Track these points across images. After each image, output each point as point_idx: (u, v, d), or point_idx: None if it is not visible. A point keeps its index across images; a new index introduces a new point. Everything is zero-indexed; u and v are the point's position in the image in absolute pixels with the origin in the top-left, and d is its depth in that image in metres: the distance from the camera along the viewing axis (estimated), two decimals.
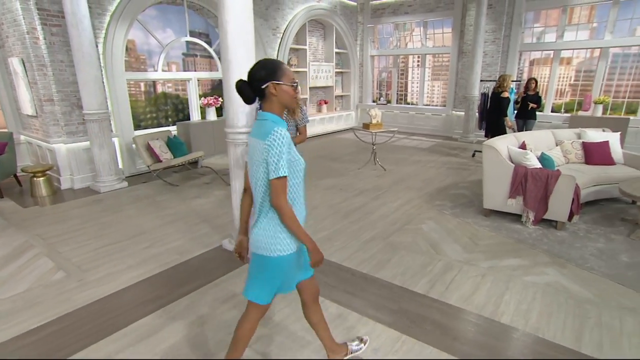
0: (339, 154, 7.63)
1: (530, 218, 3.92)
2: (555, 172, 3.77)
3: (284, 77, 1.54)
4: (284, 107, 1.60)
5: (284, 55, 8.49)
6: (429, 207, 4.60)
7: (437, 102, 11.05)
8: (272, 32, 8.26)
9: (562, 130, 5.25)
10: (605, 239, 3.67)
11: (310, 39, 9.74)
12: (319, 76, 9.81)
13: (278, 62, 1.57)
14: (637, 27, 7.62)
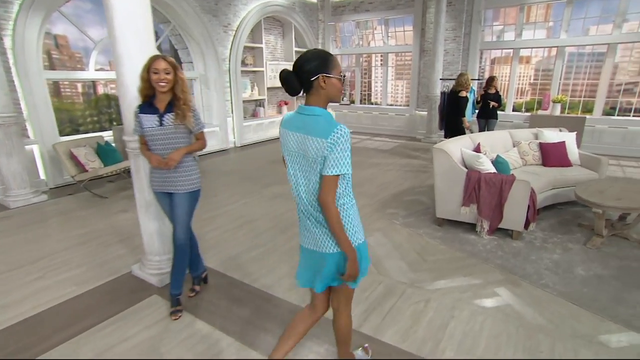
0: None
1: (485, 228, 3.56)
2: (509, 177, 3.43)
3: (334, 69, 1.47)
4: (328, 100, 1.52)
5: (236, 55, 7.92)
6: (379, 216, 4.19)
7: (402, 101, 10.76)
8: (223, 29, 7.68)
9: (519, 130, 4.97)
10: (562, 249, 3.35)
11: (267, 37, 9.21)
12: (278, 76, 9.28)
13: (328, 53, 1.50)
14: (590, 26, 7.55)
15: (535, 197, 3.60)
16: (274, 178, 5.78)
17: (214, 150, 7.78)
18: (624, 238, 3.55)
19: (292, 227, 3.91)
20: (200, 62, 7.52)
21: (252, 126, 8.76)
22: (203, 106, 7.84)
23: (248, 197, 4.90)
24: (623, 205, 3.16)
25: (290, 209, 4.42)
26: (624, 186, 3.66)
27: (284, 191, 5.12)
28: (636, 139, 7.15)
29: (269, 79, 9.04)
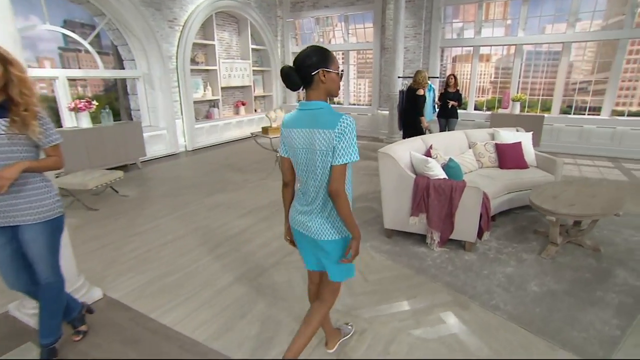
0: (246, 162, 6.67)
1: (435, 240, 3.25)
2: (459, 184, 3.13)
3: (333, 64, 1.53)
4: (328, 94, 1.58)
5: (184, 52, 7.35)
6: None
7: (365, 101, 10.48)
8: (168, 24, 7.10)
9: (475, 130, 4.73)
10: (516, 260, 3.09)
11: (221, 33, 8.67)
12: (233, 75, 8.78)
13: (327, 49, 1.54)
14: (546, 25, 7.50)
15: (489, 204, 3.33)
16: (220, 185, 5.30)
17: (161, 155, 7.18)
18: (579, 245, 3.33)
19: (224, 243, 3.46)
20: (143, 60, 6.90)
21: (206, 128, 8.20)
22: (148, 108, 7.23)
23: (186, 208, 4.41)
24: (576, 213, 2.92)
25: (229, 221, 3.98)
26: (578, 189, 3.45)
27: (227, 200, 4.66)
28: (591, 137, 7.15)
29: (223, 78, 8.50)
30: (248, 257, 3.20)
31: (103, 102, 7.61)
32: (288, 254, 3.24)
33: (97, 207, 4.40)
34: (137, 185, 5.37)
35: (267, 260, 3.14)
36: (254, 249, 3.34)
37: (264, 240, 3.52)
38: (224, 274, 2.92)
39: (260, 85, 10.17)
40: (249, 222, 3.96)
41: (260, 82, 10.16)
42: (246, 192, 5.00)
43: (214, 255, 3.24)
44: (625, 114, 7.08)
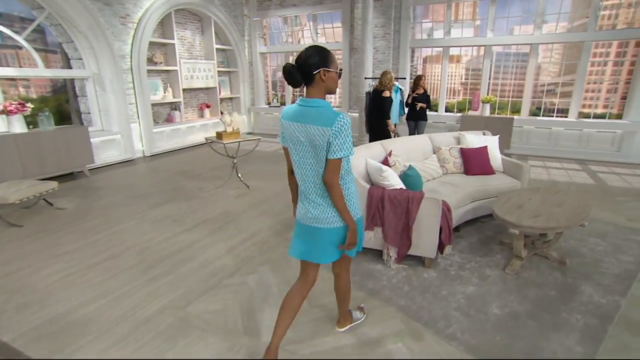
0: (205, 169, 6.27)
1: (392, 256, 2.96)
2: (416, 194, 2.85)
3: (333, 64, 1.63)
4: (327, 92, 1.68)
5: (138, 51, 6.87)
6: (277, 242, 3.48)
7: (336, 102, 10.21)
8: (120, 20, 6.61)
9: (440, 134, 4.50)
10: (479, 277, 2.84)
11: (182, 32, 8.23)
12: (196, 76, 8.33)
13: (327, 49, 1.63)
14: (514, 26, 7.43)
15: (451, 216, 3.07)
16: (172, 194, 4.88)
17: (114, 162, 6.68)
18: (545, 257, 3.13)
19: (160, 263, 3.07)
20: (92, 59, 6.39)
21: (166, 132, 7.73)
22: (100, 110, 6.70)
23: (129, 221, 3.98)
24: (540, 225, 2.69)
25: (172, 236, 3.59)
26: (544, 197, 3.25)
27: (176, 211, 4.26)
28: (560, 139, 7.10)
29: (185, 79, 8.05)
30: (183, 280, 2.82)
31: (51, 104, 7.05)
32: (230, 274, 2.89)
33: (22, 223, 3.91)
34: (80, 195, 4.89)
35: (204, 283, 2.77)
36: (192, 270, 2.97)
37: (205, 259, 3.15)
38: (149, 302, 2.54)
39: (227, 86, 9.74)
40: (194, 237, 3.58)
41: (227, 83, 9.74)
42: (199, 202, 4.61)
43: (145, 279, 2.85)
44: (591, 116, 7.06)
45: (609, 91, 6.94)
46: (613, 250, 3.28)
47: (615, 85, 6.85)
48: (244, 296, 2.62)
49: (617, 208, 4.36)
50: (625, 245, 3.38)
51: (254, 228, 3.80)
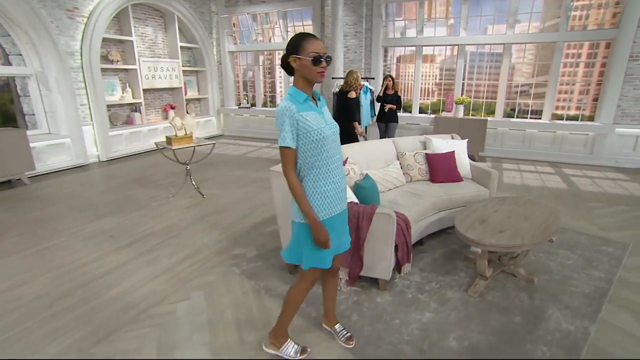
0: (161, 175, 5.83)
1: (343, 278, 2.63)
2: (367, 209, 2.53)
3: (303, 50, 1.55)
4: (305, 79, 1.61)
5: (90, 48, 6.36)
6: (219, 261, 3.11)
7: None
8: (67, 14, 6.09)
9: (405, 138, 4.21)
10: (439, 302, 2.54)
11: (142, 28, 7.74)
12: (158, 75, 7.85)
13: (302, 35, 1.58)
14: (487, 25, 7.25)
15: (410, 231, 2.77)
16: (116, 205, 4.44)
17: (63, 168, 6.16)
18: (512, 274, 2.86)
19: (76, 290, 2.65)
20: (34, 56, 5.85)
21: (125, 135, 7.23)
22: (45, 112, 6.17)
23: (56, 238, 3.54)
24: (504, 244, 2.41)
25: (100, 256, 3.16)
26: (511, 208, 2.98)
27: (115, 225, 3.83)
28: (534, 141, 6.95)
29: (146, 78, 7.56)
30: (98, 312, 2.42)
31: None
32: (155, 303, 2.51)
33: None
34: (10, 207, 4.39)
35: (122, 316, 2.38)
36: (112, 299, 2.57)
37: (132, 284, 2.76)
38: (49, 343, 2.14)
39: (194, 86, 9.28)
40: (125, 257, 3.17)
41: (194, 83, 9.27)
42: (144, 213, 4.19)
43: (52, 312, 2.43)
44: (564, 118, 6.94)
45: (581, 92, 6.83)
46: (583, 265, 3.04)
47: (587, 86, 6.73)
48: (166, 331, 2.24)
49: (589, 215, 4.16)
50: (596, 258, 3.15)
51: (198, 244, 3.42)
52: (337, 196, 1.72)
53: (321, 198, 1.66)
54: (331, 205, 1.70)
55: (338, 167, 1.72)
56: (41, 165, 5.83)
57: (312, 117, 1.61)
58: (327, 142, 1.64)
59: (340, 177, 1.74)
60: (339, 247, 1.82)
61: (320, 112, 1.69)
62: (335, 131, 1.72)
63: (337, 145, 1.72)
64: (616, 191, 5.05)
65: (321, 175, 1.65)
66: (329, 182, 1.67)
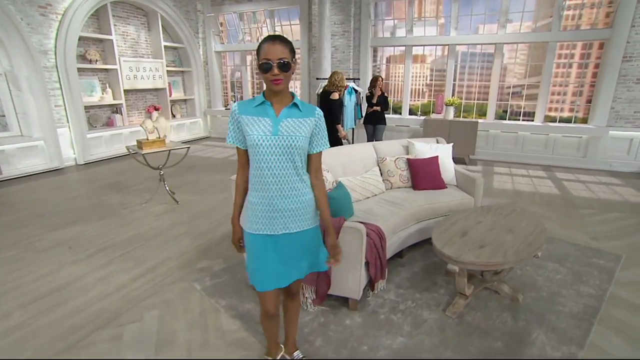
0: (138, 179, 5.58)
1: (309, 297, 2.41)
2: (335, 222, 2.31)
3: (258, 56, 1.45)
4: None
5: (64, 46, 6.11)
6: (181, 275, 2.87)
7: None
8: (39, 10, 5.83)
9: (387, 142, 3.99)
10: (413, 324, 2.32)
11: (124, 27, 7.49)
12: (140, 75, 7.60)
13: (264, 39, 1.45)
14: (479, 25, 7.05)
15: (384, 245, 2.55)
16: (84, 212, 4.20)
17: (36, 172, 5.90)
18: (495, 292, 2.65)
19: (17, 310, 2.41)
20: (3, 54, 5.59)
21: (105, 138, 6.97)
22: (17, 113, 5.91)
23: (9, 250, 3.29)
24: (483, 261, 2.19)
25: (55, 270, 2.93)
26: (495, 220, 2.77)
27: (78, 234, 3.59)
28: (526, 144, 6.76)
29: (127, 79, 7.31)
30: (34, 337, 2.18)
31: None
32: (101, 325, 2.27)
33: None
34: None
35: (58, 343, 2.14)
36: (54, 321, 2.33)
37: (81, 303, 2.52)
38: None
39: (180, 87, 9.04)
40: (82, 271, 2.93)
41: (180, 84, 9.03)
42: (111, 222, 3.94)
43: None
44: (557, 120, 6.75)
45: (574, 94, 6.64)
46: (572, 280, 2.83)
47: (581, 88, 6.54)
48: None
49: (581, 223, 3.96)
50: (586, 272, 2.94)
51: (162, 256, 3.18)
52: (269, 215, 1.52)
53: (248, 207, 1.57)
54: (259, 221, 1.54)
55: (276, 184, 1.50)
56: (11, 169, 5.59)
57: (252, 122, 1.48)
58: (264, 153, 1.46)
59: (277, 197, 1.51)
60: (277, 276, 1.59)
61: (275, 120, 1.48)
62: (287, 145, 1.47)
63: (282, 160, 1.48)
64: (610, 197, 4.86)
65: (252, 184, 1.55)
66: (259, 196, 1.53)
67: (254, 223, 1.55)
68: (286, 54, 1.42)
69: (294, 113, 1.52)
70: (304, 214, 1.57)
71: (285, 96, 1.52)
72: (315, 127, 1.56)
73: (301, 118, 1.52)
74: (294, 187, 1.53)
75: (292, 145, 1.47)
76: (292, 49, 1.47)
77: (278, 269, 1.57)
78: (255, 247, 1.58)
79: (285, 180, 1.51)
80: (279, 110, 1.50)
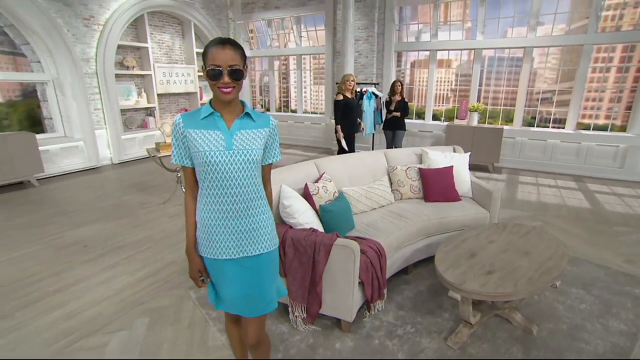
0: (162, 180, 5.58)
1: (299, 315, 2.17)
2: (325, 240, 2.05)
3: (205, 61, 1.24)
4: None
5: (104, 54, 6.25)
6: (180, 281, 2.73)
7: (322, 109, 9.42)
8: (83, 22, 6.00)
9: (399, 150, 3.66)
10: (410, 352, 2.02)
11: (160, 35, 7.59)
12: (173, 80, 7.68)
13: (210, 42, 1.23)
14: (507, 28, 6.47)
15: (384, 263, 2.26)
16: (106, 211, 4.21)
17: (75, 170, 6.08)
18: (506, 320, 2.28)
19: (15, 312, 2.36)
20: (51, 62, 5.79)
21: (138, 139, 7.09)
22: (62, 116, 6.12)
23: (32, 246, 3.31)
24: (488, 292, 1.85)
25: (64, 269, 2.88)
26: (510, 240, 2.40)
27: (94, 233, 3.57)
28: (556, 152, 6.12)
29: (160, 83, 7.41)
30: (26, 340, 2.10)
31: (20, 109, 6.50)
32: (91, 331, 2.16)
33: None
34: (6, 210, 4.26)
35: (45, 349, 2.04)
36: (50, 324, 2.25)
37: (78, 306, 2.43)
38: None
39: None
40: (88, 272, 2.87)
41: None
42: (129, 221, 3.91)
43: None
44: (591, 128, 6.05)
45: (611, 100, 5.92)
46: (600, 311, 2.40)
47: (619, 93, 5.82)
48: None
49: (614, 243, 3.43)
50: (617, 302, 2.49)
51: (167, 260, 3.07)
52: (226, 238, 1.32)
53: (200, 230, 1.35)
54: (215, 244, 1.33)
55: (233, 203, 1.30)
56: (54, 167, 5.78)
57: (201, 137, 1.27)
58: (219, 171, 1.26)
59: (234, 217, 1.31)
60: (241, 304, 1.39)
61: (227, 132, 1.27)
62: (243, 160, 1.27)
63: (239, 177, 1.28)
64: None
65: (205, 205, 1.32)
66: (213, 217, 1.31)
67: (209, 247, 1.34)
68: (237, 60, 1.22)
69: (247, 124, 1.31)
70: (264, 234, 1.37)
71: (236, 106, 1.32)
72: (269, 137, 1.36)
73: (255, 129, 1.32)
74: (252, 204, 1.33)
75: (249, 159, 1.27)
76: (243, 54, 1.26)
77: (239, 296, 1.36)
78: (213, 272, 1.39)
79: (242, 199, 1.30)
80: (230, 121, 1.29)
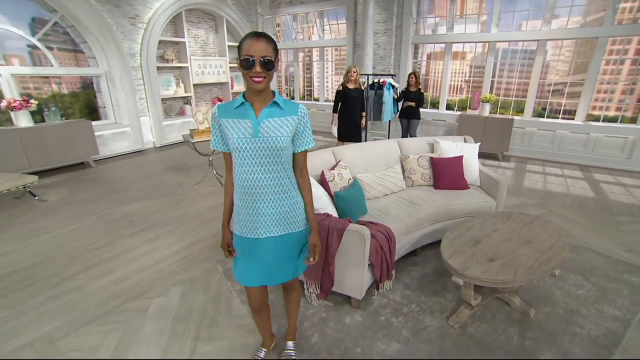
0: (198, 162, 5.68)
1: (313, 292, 2.18)
2: (338, 225, 2.02)
3: (240, 52, 1.23)
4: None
5: (148, 49, 6.29)
6: (209, 255, 2.80)
7: None
8: (130, 21, 6.03)
9: (412, 140, 3.53)
10: (412, 330, 2.00)
11: (195, 30, 7.54)
12: (207, 72, 7.68)
13: (246, 35, 1.21)
14: (522, 22, 6.00)
15: (393, 246, 2.22)
16: (148, 190, 4.34)
17: (124, 152, 6.28)
18: (506, 302, 2.21)
19: (78, 274, 2.50)
20: (103, 58, 5.90)
21: (177, 125, 7.21)
22: (112, 105, 6.28)
23: (86, 220, 3.47)
24: (490, 277, 1.79)
25: (112, 240, 3.02)
26: (513, 229, 2.29)
27: (139, 209, 3.70)
28: (564, 142, 5.76)
29: (196, 75, 7.43)
30: (82, 301, 2.23)
31: (81, 99, 6.72)
32: (135, 296, 2.26)
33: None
34: (71, 187, 4.48)
35: (100, 308, 2.17)
36: (101, 288, 2.37)
37: (124, 273, 2.55)
38: (30, 329, 1.97)
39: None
40: (133, 244, 2.99)
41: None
42: (168, 199, 4.02)
43: (52, 293, 2.30)
44: (601, 119, 5.63)
45: (623, 92, 5.45)
46: (596, 297, 2.28)
47: (632, 85, 5.34)
48: (130, 329, 1.98)
49: (615, 232, 3.23)
50: (614, 289, 2.36)
51: (199, 235, 3.15)
52: (252, 219, 1.33)
53: (235, 210, 1.39)
54: (242, 224, 1.36)
55: (258, 188, 1.29)
56: (107, 150, 5.98)
57: (232, 125, 1.27)
58: (245, 157, 1.26)
59: (259, 201, 1.31)
60: (261, 275, 1.41)
61: (255, 121, 1.25)
62: (269, 147, 1.24)
63: (265, 163, 1.26)
64: None
65: (236, 188, 1.35)
66: (241, 199, 1.34)
67: (238, 225, 1.37)
68: (270, 52, 1.19)
69: (275, 112, 1.27)
70: (290, 218, 1.35)
71: (266, 95, 1.29)
72: (298, 125, 1.30)
73: (283, 117, 1.27)
74: (279, 190, 1.31)
75: (274, 146, 1.24)
76: (275, 47, 1.23)
77: (262, 270, 1.38)
78: (240, 248, 1.40)
79: (268, 184, 1.28)
80: (259, 110, 1.27)
